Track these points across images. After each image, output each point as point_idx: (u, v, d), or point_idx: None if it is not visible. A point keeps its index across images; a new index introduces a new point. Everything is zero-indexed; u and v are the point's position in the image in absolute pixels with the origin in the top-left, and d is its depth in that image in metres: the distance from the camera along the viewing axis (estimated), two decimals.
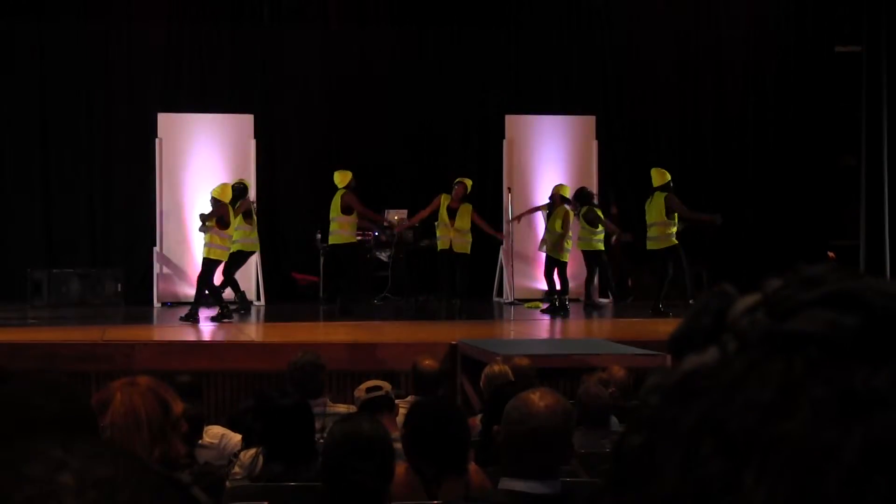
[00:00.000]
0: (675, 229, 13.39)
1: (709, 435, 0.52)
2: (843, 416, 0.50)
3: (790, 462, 0.50)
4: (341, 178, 13.74)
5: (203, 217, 13.18)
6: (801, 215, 17.05)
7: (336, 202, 13.62)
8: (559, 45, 16.97)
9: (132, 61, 16.01)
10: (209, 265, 13.08)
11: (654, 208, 13.44)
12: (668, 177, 13.57)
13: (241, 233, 13.49)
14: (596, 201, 14.51)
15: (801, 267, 0.57)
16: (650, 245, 13.54)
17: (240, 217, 13.44)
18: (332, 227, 13.72)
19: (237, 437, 5.69)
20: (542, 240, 14.42)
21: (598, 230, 14.10)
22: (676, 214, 13.40)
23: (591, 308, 14.45)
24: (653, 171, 13.75)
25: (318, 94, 16.44)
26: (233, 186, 13.58)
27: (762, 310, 0.56)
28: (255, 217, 13.81)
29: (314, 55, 16.45)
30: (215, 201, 13.17)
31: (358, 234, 14.09)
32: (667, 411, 0.55)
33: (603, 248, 14.24)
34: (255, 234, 13.79)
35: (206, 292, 12.96)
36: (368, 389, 5.64)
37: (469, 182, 14.01)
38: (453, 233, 13.68)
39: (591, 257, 14.26)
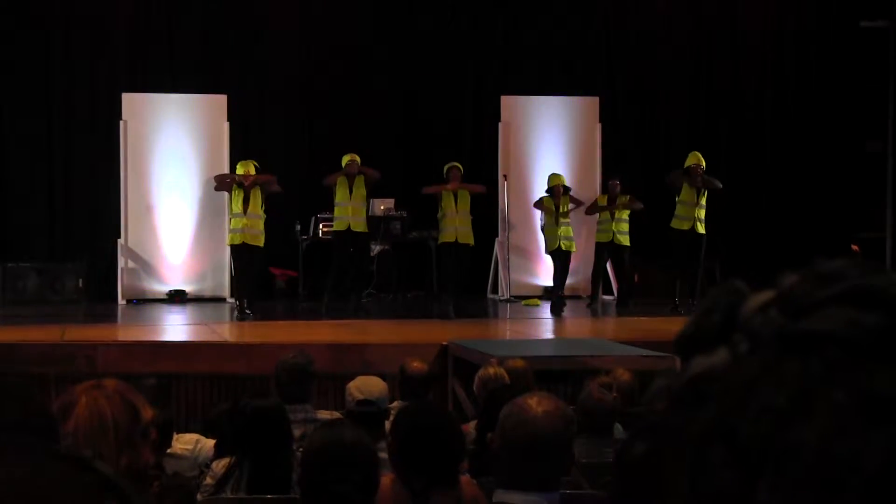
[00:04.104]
0: (702, 213, 13.82)
1: (719, 442, 0.52)
2: (864, 423, 0.50)
3: (807, 472, 0.50)
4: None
5: None
6: (823, 205, 17.06)
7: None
8: (559, 17, 16.93)
9: (94, 36, 15.93)
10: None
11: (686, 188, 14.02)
12: (703, 164, 14.03)
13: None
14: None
15: (819, 261, 0.57)
16: (674, 224, 13.98)
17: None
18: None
19: (211, 443, 5.70)
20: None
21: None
22: (704, 198, 13.88)
23: (601, 306, 14.62)
24: (693, 153, 14.18)
25: (298, 73, 16.38)
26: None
27: (776, 307, 0.56)
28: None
29: (293, 30, 16.40)
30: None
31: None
32: (674, 417, 0.55)
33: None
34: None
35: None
36: (359, 403, 5.62)
37: (460, 166, 14.06)
38: (458, 220, 13.70)
39: (608, 250, 14.71)
